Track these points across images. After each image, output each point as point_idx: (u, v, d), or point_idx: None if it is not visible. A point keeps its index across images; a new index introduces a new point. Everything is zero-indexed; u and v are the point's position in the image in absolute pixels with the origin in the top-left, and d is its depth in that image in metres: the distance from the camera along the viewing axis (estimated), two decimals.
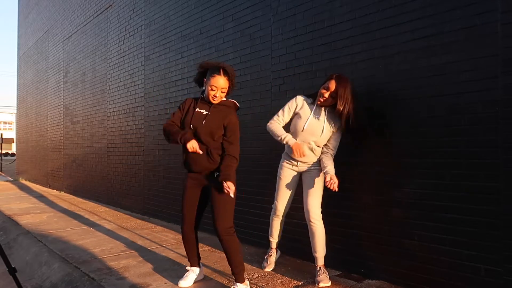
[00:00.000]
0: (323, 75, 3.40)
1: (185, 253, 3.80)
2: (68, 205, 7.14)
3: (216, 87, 2.71)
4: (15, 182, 11.94)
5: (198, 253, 3.06)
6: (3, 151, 29.15)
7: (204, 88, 2.84)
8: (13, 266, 2.43)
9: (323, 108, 2.98)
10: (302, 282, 3.03)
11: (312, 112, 2.99)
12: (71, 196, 8.37)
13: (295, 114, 3.07)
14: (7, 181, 12.21)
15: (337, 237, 3.26)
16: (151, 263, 3.52)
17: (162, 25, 5.67)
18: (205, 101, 2.80)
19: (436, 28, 2.69)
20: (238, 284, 2.78)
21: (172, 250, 3.94)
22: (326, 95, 2.88)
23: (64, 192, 9.04)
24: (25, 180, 12.23)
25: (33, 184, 11.23)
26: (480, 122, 2.48)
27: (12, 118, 47.05)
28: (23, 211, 6.41)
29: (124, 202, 6.60)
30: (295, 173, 3.15)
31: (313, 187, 3.01)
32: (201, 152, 2.71)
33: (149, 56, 5.97)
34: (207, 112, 2.78)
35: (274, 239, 3.36)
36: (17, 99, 13.65)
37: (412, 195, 2.81)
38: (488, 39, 2.45)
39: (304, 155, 2.95)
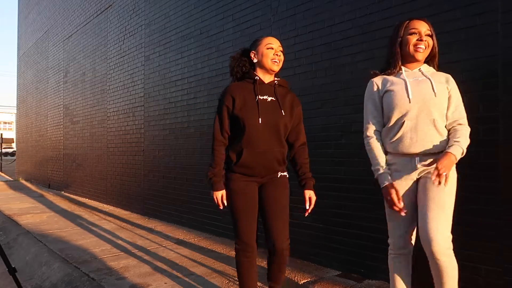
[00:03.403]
0: (323, 75, 3.41)
1: (185, 253, 3.81)
2: (68, 205, 7.14)
3: (272, 45, 2.10)
4: (15, 182, 11.94)
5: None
6: (5, 150, 29.17)
7: (249, 67, 2.18)
8: (13, 266, 2.43)
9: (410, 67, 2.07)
10: (302, 283, 3.03)
11: (405, 76, 2.03)
12: (71, 196, 8.37)
13: (384, 97, 2.05)
14: (7, 181, 12.21)
15: (337, 237, 3.27)
16: (151, 263, 3.52)
17: (162, 25, 5.66)
18: (262, 84, 2.12)
19: (436, 28, 2.69)
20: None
21: (172, 250, 3.94)
22: (424, 38, 2.02)
23: (64, 192, 9.04)
24: (25, 180, 12.23)
25: (33, 184, 11.24)
26: (480, 122, 2.48)
27: (12, 118, 47.10)
28: (23, 211, 6.41)
29: (124, 202, 6.60)
30: (412, 181, 2.02)
31: (433, 199, 1.91)
32: (221, 206, 2.12)
33: (149, 56, 5.97)
34: (273, 98, 2.11)
35: None
36: (17, 99, 13.65)
37: None
38: (488, 39, 2.45)
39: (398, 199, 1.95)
